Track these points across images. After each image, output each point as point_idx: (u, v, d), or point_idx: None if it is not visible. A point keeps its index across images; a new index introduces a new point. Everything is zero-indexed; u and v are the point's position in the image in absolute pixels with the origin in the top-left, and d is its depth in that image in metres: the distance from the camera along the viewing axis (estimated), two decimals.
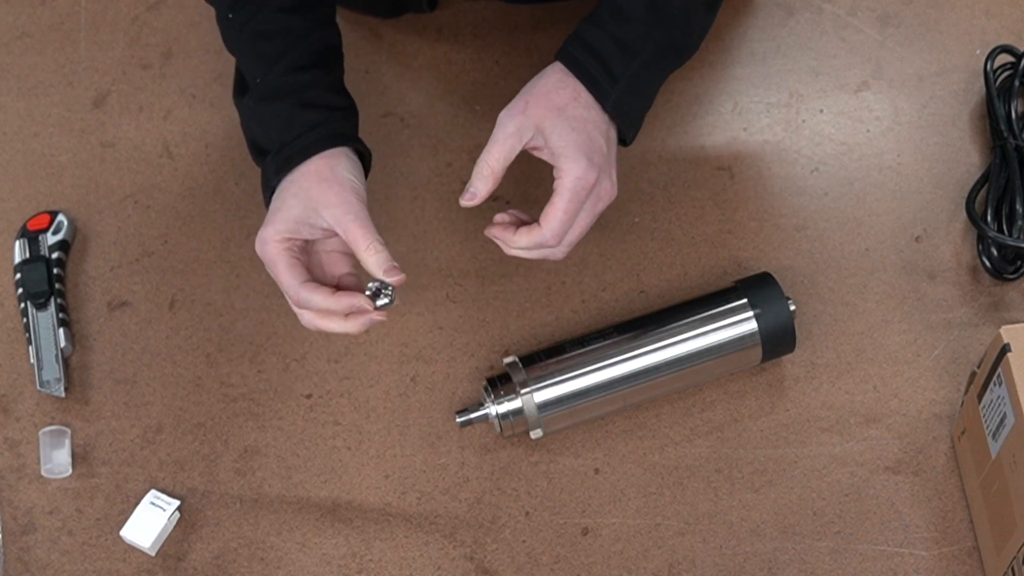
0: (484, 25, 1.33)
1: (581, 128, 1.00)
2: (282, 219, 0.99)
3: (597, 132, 1.01)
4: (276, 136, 1.02)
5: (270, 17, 1.06)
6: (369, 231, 0.98)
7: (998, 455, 1.00)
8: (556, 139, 1.00)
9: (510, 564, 1.07)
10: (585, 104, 1.02)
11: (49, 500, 1.12)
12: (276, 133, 1.02)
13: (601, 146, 1.01)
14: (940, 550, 1.06)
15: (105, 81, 1.33)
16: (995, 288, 1.17)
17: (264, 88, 1.04)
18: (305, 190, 0.99)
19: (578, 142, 1.00)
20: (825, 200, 1.22)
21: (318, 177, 0.99)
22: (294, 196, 0.99)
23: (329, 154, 1.01)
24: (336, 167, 1.00)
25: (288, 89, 1.04)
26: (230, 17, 1.07)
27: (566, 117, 1.01)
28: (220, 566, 1.08)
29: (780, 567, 1.06)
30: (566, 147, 1.00)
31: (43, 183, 1.27)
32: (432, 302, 1.19)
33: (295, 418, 1.14)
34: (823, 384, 1.13)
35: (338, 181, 0.99)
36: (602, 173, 1.01)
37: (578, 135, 1.00)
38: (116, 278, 1.22)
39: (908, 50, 1.30)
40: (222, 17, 1.08)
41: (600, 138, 1.01)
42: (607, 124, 1.03)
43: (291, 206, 0.99)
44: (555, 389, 1.08)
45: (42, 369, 1.16)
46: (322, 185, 0.99)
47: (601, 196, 1.02)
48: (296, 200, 0.99)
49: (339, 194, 0.98)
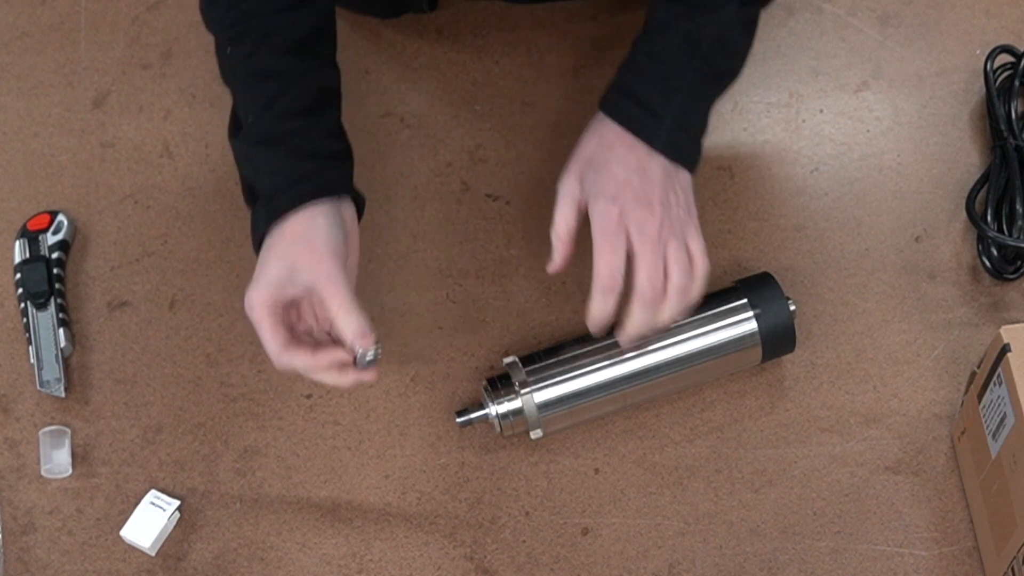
0: (484, 25, 1.33)
1: (604, 168, 1.02)
2: (266, 282, 1.00)
3: (625, 169, 1.01)
4: (267, 183, 1.02)
5: (269, 57, 1.05)
6: (341, 294, 0.99)
7: (998, 455, 1.00)
8: (587, 188, 1.02)
9: (510, 564, 1.07)
10: (628, 147, 1.02)
11: (49, 500, 1.12)
12: (267, 180, 1.02)
13: (629, 180, 1.01)
14: (940, 550, 1.06)
15: (105, 81, 1.33)
16: (995, 288, 1.17)
17: (257, 131, 1.04)
18: (284, 250, 1.00)
19: (598, 183, 1.02)
20: (825, 200, 1.22)
21: (294, 238, 1.00)
22: (276, 258, 1.00)
23: (311, 212, 1.00)
24: (314, 227, 1.00)
25: (281, 135, 1.03)
26: (229, 52, 1.06)
27: (595, 165, 1.02)
28: (220, 566, 1.08)
29: (780, 567, 1.06)
30: (590, 192, 1.02)
31: (43, 183, 1.27)
32: (432, 302, 1.19)
33: (295, 418, 1.14)
34: (823, 384, 1.13)
35: (315, 242, 1.00)
36: (635, 204, 1.00)
37: (600, 176, 1.02)
38: (116, 278, 1.22)
39: (908, 50, 1.30)
40: (221, 50, 1.07)
41: (631, 174, 1.01)
42: (651, 159, 1.02)
43: (273, 268, 1.00)
44: (555, 389, 1.08)
45: (42, 369, 1.16)
46: (297, 246, 1.00)
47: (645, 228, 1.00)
48: (277, 262, 1.00)
49: (313, 256, 0.99)
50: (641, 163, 1.01)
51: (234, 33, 1.05)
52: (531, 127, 1.28)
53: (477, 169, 1.26)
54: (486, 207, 1.24)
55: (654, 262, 1.00)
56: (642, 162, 1.02)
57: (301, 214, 1.00)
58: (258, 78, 1.05)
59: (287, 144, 1.03)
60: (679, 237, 1.01)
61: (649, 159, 1.02)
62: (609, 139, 1.03)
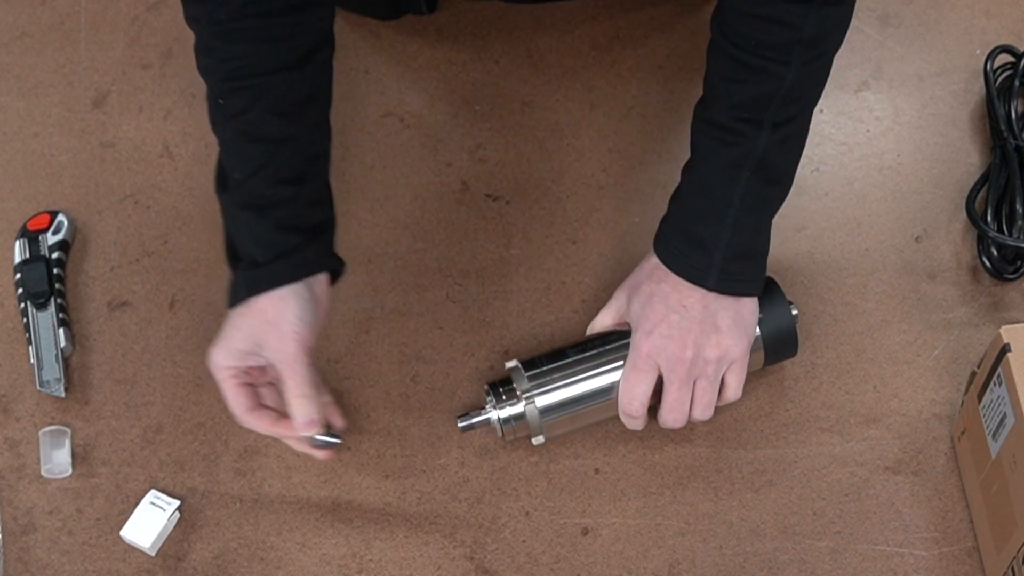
0: (484, 25, 1.33)
1: (648, 301, 1.05)
2: (229, 349, 1.03)
3: (666, 306, 1.04)
4: (251, 250, 1.04)
5: (261, 118, 1.03)
6: (299, 380, 1.02)
7: (998, 455, 1.00)
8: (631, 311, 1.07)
9: (510, 564, 1.07)
10: (673, 285, 1.04)
11: (49, 500, 1.12)
12: (251, 247, 1.04)
13: (667, 318, 1.03)
14: (940, 550, 1.06)
15: (105, 81, 1.33)
16: (995, 288, 1.17)
17: (244, 194, 1.04)
18: (252, 327, 1.02)
19: (641, 313, 1.05)
20: (825, 200, 1.22)
21: (263, 318, 1.02)
22: (241, 330, 1.03)
23: (284, 293, 1.02)
24: (285, 309, 1.02)
25: (267, 202, 1.03)
26: (221, 103, 1.05)
27: (641, 295, 1.06)
28: (220, 566, 1.08)
29: (780, 567, 1.06)
30: (632, 318, 1.06)
31: (43, 183, 1.27)
32: (432, 302, 1.19)
33: None
34: (823, 384, 1.13)
35: (283, 326, 1.02)
36: (667, 342, 1.03)
37: (643, 307, 1.05)
38: (116, 278, 1.22)
39: (908, 50, 1.30)
40: (212, 99, 1.06)
41: (670, 313, 1.03)
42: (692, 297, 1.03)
43: (238, 339, 1.03)
44: (557, 394, 1.07)
45: (42, 369, 1.16)
46: (267, 327, 1.02)
47: (675, 367, 1.03)
48: (243, 334, 1.03)
49: (280, 339, 1.02)
50: (683, 301, 1.03)
51: (228, 88, 1.04)
52: (531, 127, 1.28)
53: (477, 169, 1.26)
54: (486, 207, 1.24)
55: (677, 399, 1.05)
56: (684, 300, 1.03)
57: (275, 294, 1.02)
58: (249, 139, 1.04)
59: (273, 213, 1.03)
60: (708, 377, 1.04)
61: (690, 298, 1.03)
62: (658, 274, 1.05)
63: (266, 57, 1.03)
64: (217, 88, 1.05)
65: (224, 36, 1.03)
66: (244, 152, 1.04)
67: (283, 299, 1.02)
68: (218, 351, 1.03)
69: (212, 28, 1.03)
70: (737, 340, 1.04)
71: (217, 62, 1.04)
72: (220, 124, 1.05)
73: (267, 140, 1.04)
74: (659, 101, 1.29)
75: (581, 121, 1.28)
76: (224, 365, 1.03)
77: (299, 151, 1.05)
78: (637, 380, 1.05)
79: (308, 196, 1.06)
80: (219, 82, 1.04)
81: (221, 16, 1.02)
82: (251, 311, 1.03)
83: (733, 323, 1.04)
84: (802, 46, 0.99)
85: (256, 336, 1.02)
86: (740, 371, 1.06)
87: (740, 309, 1.05)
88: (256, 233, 1.04)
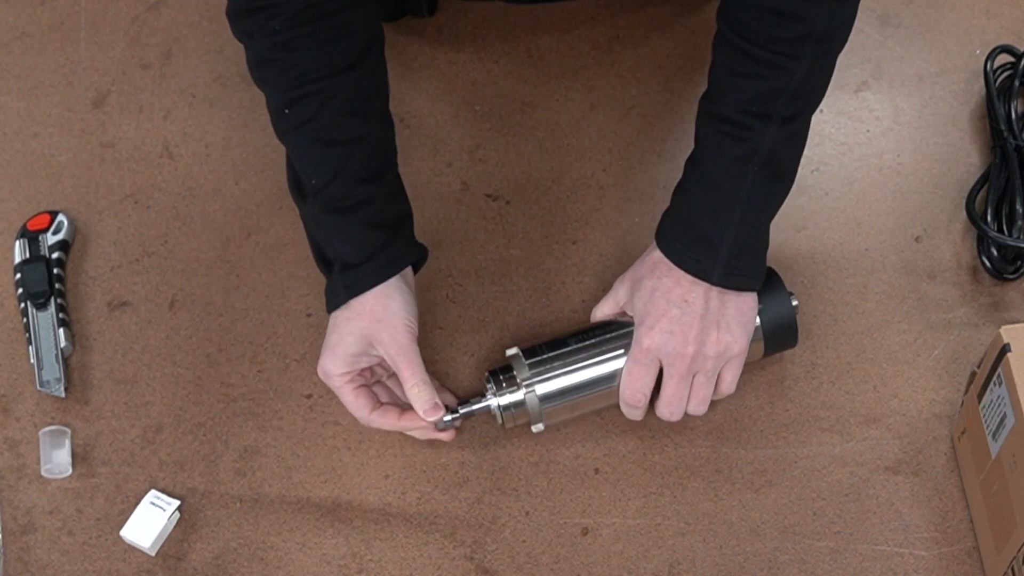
0: (484, 25, 1.33)
1: (650, 296, 1.05)
2: (341, 356, 1.05)
3: (667, 301, 1.04)
4: (343, 252, 1.05)
5: (333, 121, 1.04)
6: (415, 370, 1.05)
7: (998, 455, 1.00)
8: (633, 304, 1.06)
9: (510, 564, 1.07)
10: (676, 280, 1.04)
11: (49, 500, 1.12)
12: (343, 249, 1.05)
13: (668, 312, 1.03)
14: (940, 550, 1.06)
15: (105, 81, 1.33)
16: (995, 288, 1.17)
17: (328, 199, 1.05)
18: (361, 328, 1.04)
19: (642, 308, 1.05)
20: (825, 200, 1.22)
21: (372, 317, 1.04)
22: (351, 333, 1.05)
23: (387, 290, 1.05)
24: (391, 305, 1.05)
25: (352, 203, 1.05)
26: (287, 112, 1.05)
27: (643, 289, 1.06)
28: (220, 566, 1.08)
29: (780, 567, 1.06)
30: (634, 311, 1.06)
31: (43, 183, 1.27)
32: (432, 302, 1.19)
33: (295, 418, 1.14)
34: (823, 384, 1.13)
35: (393, 320, 1.04)
36: (669, 338, 1.03)
37: (644, 302, 1.05)
38: (116, 278, 1.22)
39: (908, 50, 1.30)
40: (277, 109, 1.06)
41: (672, 307, 1.03)
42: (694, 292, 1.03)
43: (349, 343, 1.05)
44: (557, 382, 1.08)
45: (42, 369, 1.16)
46: (376, 325, 1.04)
47: (675, 362, 1.04)
48: (353, 338, 1.05)
49: (391, 334, 1.04)
50: (685, 296, 1.03)
51: (294, 96, 1.04)
52: (531, 127, 1.28)
53: (477, 169, 1.26)
54: (486, 207, 1.24)
55: (676, 393, 1.05)
56: (686, 295, 1.03)
57: (378, 291, 1.04)
58: (322, 144, 1.05)
59: (361, 211, 1.05)
60: (707, 372, 1.05)
61: (692, 292, 1.03)
62: (661, 269, 1.05)
63: (328, 60, 1.04)
64: (281, 98, 1.05)
65: (282, 46, 1.03)
66: (321, 157, 1.05)
67: (388, 296, 1.04)
68: (330, 360, 1.05)
69: (267, 40, 1.03)
70: (738, 336, 1.04)
71: (278, 72, 1.04)
72: (289, 133, 1.06)
73: (342, 142, 1.05)
74: (659, 101, 1.29)
75: (581, 121, 1.28)
76: (338, 373, 1.05)
77: (373, 148, 1.07)
78: (639, 374, 1.05)
79: (388, 191, 1.08)
80: (283, 92, 1.05)
81: (276, 27, 1.02)
82: (357, 313, 1.04)
83: (734, 319, 1.04)
84: (813, 41, 0.99)
85: (368, 336, 1.04)
86: (738, 366, 1.06)
87: (741, 305, 1.05)
88: (346, 235, 1.05)
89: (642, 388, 1.06)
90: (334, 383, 1.06)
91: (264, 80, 1.06)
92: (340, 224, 1.05)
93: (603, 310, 1.10)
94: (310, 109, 1.04)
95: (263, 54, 1.05)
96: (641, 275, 1.06)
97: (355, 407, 1.07)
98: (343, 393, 1.07)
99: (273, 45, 1.03)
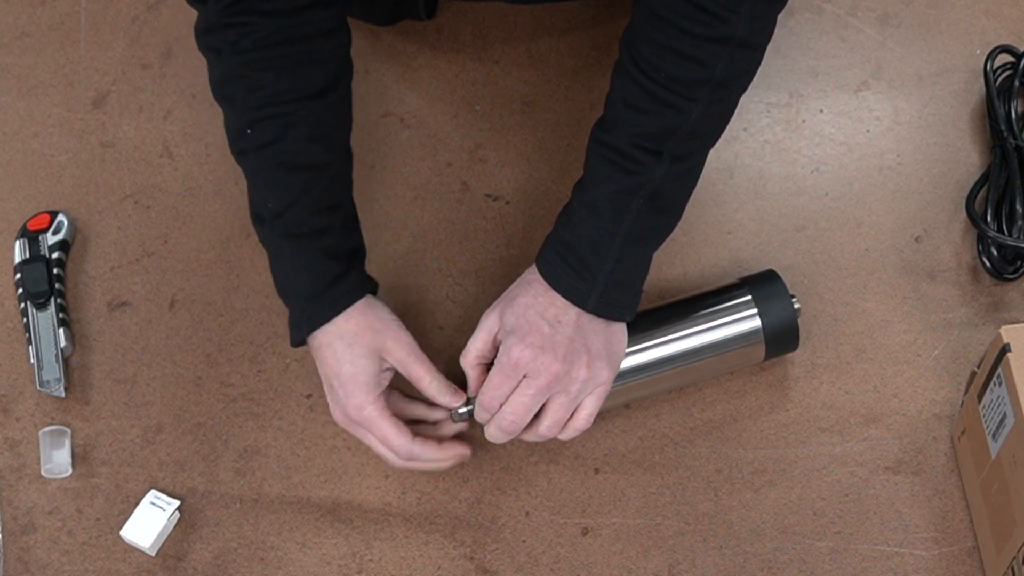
0: (484, 26, 1.33)
1: (523, 313, 1.02)
2: (365, 382, 1.03)
3: (541, 317, 1.01)
4: (304, 284, 1.04)
5: (296, 146, 1.03)
6: (428, 366, 1.05)
7: (998, 455, 1.00)
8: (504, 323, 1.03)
9: (510, 564, 1.07)
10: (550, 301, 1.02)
11: (49, 500, 1.12)
12: (303, 280, 1.04)
13: (539, 328, 1.01)
14: (940, 550, 1.06)
15: (105, 81, 1.33)
16: (995, 288, 1.17)
17: (286, 224, 1.03)
18: (367, 344, 1.03)
19: (514, 322, 1.02)
20: (825, 200, 1.22)
21: (371, 328, 1.03)
22: (362, 356, 1.03)
23: (366, 302, 1.04)
24: (379, 313, 1.05)
25: (311, 231, 1.03)
26: (249, 132, 1.04)
27: (515, 306, 1.02)
28: (220, 566, 1.08)
29: (780, 567, 1.06)
30: (504, 327, 1.03)
31: (43, 183, 1.27)
32: (432, 302, 1.19)
33: (295, 418, 1.14)
34: (823, 384, 1.13)
35: (388, 326, 1.04)
36: (538, 351, 1.00)
37: (516, 317, 1.02)
38: (116, 278, 1.22)
39: (908, 50, 1.30)
40: (238, 129, 1.04)
41: (543, 323, 1.01)
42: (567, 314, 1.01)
43: (364, 366, 1.03)
44: None
45: (42, 369, 1.16)
46: (378, 335, 1.03)
47: (538, 377, 1.01)
48: (366, 360, 1.03)
49: (395, 338, 1.04)
50: (559, 317, 1.01)
51: (259, 116, 1.03)
52: (531, 127, 1.28)
53: (477, 169, 1.26)
54: (486, 207, 1.24)
55: (522, 405, 1.01)
56: (559, 316, 1.01)
57: (360, 306, 1.03)
58: (283, 168, 1.03)
59: (319, 241, 1.04)
60: (570, 395, 1.02)
61: (566, 315, 1.01)
62: (537, 288, 1.02)
63: (296, 84, 1.03)
64: (244, 117, 1.04)
65: (251, 64, 1.02)
66: (280, 182, 1.04)
67: (370, 305, 1.04)
68: (357, 393, 1.03)
69: (237, 57, 1.02)
70: (606, 365, 1.03)
71: (244, 91, 1.03)
72: (248, 153, 1.04)
73: (303, 169, 1.04)
74: None
75: (581, 121, 1.28)
76: (371, 400, 1.03)
77: (333, 178, 1.06)
78: (499, 384, 1.02)
79: (344, 222, 1.07)
80: (247, 111, 1.03)
81: (247, 45, 1.01)
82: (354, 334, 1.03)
83: (603, 347, 1.02)
84: (712, 86, 0.98)
85: (377, 349, 1.03)
86: (599, 398, 1.04)
87: (610, 336, 1.03)
88: (306, 264, 1.04)
89: (499, 396, 1.02)
90: (369, 414, 1.03)
91: (227, 97, 1.04)
92: (297, 250, 1.04)
93: (476, 346, 1.05)
94: (274, 131, 1.03)
95: (231, 71, 1.03)
96: (515, 294, 1.03)
97: (398, 439, 1.03)
98: (380, 424, 1.03)
99: (243, 63, 1.02)
